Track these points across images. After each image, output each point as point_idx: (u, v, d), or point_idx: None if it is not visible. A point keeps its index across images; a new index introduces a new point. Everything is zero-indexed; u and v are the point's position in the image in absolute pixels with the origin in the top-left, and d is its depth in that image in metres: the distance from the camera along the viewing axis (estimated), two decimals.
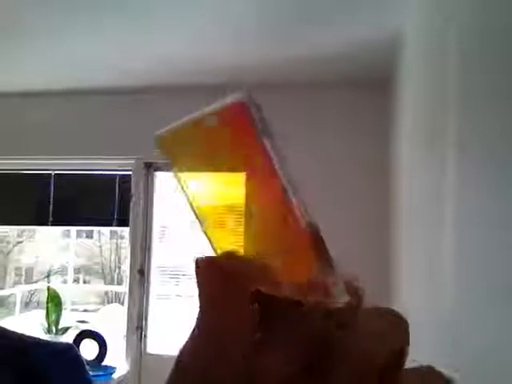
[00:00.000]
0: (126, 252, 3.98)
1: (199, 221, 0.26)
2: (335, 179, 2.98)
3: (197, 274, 0.24)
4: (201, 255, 0.24)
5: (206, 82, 2.88)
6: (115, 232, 8.01)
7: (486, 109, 1.07)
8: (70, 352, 0.54)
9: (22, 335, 0.51)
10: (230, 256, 0.23)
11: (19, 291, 6.80)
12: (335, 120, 3.05)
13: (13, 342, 0.50)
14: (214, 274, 0.23)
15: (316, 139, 3.04)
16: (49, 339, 0.54)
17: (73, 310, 6.74)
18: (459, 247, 1.26)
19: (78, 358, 0.55)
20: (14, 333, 0.51)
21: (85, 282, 8.87)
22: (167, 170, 3.53)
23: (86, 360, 2.54)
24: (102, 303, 7.93)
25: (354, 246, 2.85)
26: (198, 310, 0.24)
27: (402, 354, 0.23)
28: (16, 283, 8.10)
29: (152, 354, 3.36)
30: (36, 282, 8.13)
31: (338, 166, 2.99)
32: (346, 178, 2.97)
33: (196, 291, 0.24)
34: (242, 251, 0.24)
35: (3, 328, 0.52)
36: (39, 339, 0.53)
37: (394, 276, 2.53)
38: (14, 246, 8.12)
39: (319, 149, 3.02)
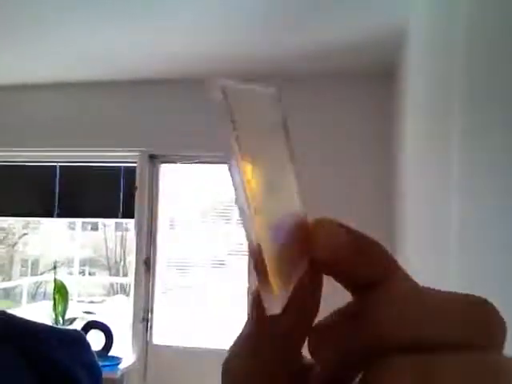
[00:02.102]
0: (130, 244, 3.99)
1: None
2: (340, 173, 2.97)
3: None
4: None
5: (212, 72, 2.87)
6: (120, 224, 8.03)
7: (493, 105, 1.06)
8: (77, 337, 0.55)
9: (29, 320, 0.52)
10: None
11: (25, 283, 6.85)
12: (339, 112, 3.03)
13: (19, 327, 0.50)
14: None
15: (318, 131, 3.02)
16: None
17: (79, 301, 6.77)
18: (463, 242, 1.25)
19: (86, 343, 0.56)
20: (20, 318, 0.52)
21: (90, 274, 8.90)
22: (171, 162, 3.53)
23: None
24: (108, 295, 7.97)
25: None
26: None
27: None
28: (22, 275, 8.15)
29: (157, 345, 3.38)
30: (42, 273, 8.18)
31: (341, 159, 2.97)
32: (350, 175, 2.96)
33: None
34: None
35: (10, 314, 0.52)
36: (45, 324, 0.54)
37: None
38: (19, 237, 8.16)
39: (323, 141, 3.01)
